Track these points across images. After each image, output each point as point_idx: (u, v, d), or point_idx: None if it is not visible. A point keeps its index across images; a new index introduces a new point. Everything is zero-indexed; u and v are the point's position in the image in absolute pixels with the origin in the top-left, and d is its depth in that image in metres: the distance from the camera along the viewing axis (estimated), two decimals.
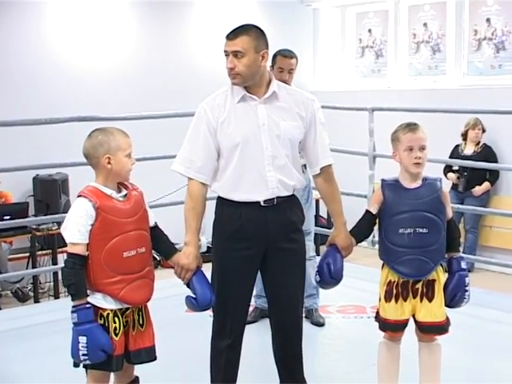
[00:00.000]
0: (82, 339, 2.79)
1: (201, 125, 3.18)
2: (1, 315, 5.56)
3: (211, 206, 3.26)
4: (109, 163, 2.90)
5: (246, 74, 3.13)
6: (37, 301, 6.72)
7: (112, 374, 3.01)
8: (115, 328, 2.88)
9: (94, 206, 2.82)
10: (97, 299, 2.87)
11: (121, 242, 2.85)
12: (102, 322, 2.87)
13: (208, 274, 3.23)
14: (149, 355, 2.99)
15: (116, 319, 2.88)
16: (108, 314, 2.88)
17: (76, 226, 2.83)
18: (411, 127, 3.28)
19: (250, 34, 3.15)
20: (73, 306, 2.83)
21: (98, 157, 2.91)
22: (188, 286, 3.11)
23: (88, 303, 2.84)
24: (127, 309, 2.91)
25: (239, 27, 3.19)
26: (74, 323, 2.83)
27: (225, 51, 3.15)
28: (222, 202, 3.23)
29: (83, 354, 2.80)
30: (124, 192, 2.96)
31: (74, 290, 2.82)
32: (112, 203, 2.87)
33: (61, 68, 7.42)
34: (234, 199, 3.16)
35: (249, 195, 3.15)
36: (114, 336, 2.87)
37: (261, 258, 3.21)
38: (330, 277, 3.29)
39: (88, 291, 2.86)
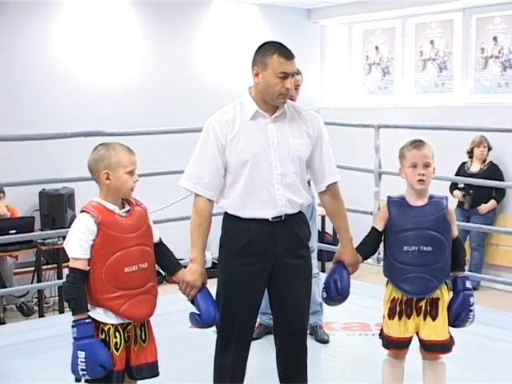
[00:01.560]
0: (81, 354, 2.79)
1: (209, 141, 3.18)
2: (5, 329, 5.57)
3: (217, 222, 3.27)
4: (107, 179, 2.91)
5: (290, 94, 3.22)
6: (41, 315, 6.71)
7: None
8: (116, 343, 2.88)
9: (95, 222, 2.84)
10: (98, 314, 2.88)
11: (122, 257, 2.86)
12: (103, 336, 2.87)
13: (213, 290, 3.23)
14: (151, 371, 2.99)
15: (117, 334, 2.88)
16: (109, 328, 2.88)
17: (78, 242, 2.85)
18: (416, 144, 3.30)
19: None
20: (73, 321, 2.84)
21: (98, 171, 2.94)
22: (192, 302, 3.12)
23: (88, 318, 2.84)
24: (129, 324, 2.92)
25: (285, 47, 3.18)
26: (73, 338, 2.83)
27: (284, 72, 3.11)
28: (229, 217, 3.23)
29: (82, 369, 2.80)
30: (127, 208, 2.97)
31: (74, 304, 2.84)
32: (114, 218, 2.88)
33: (68, 82, 7.46)
34: (242, 216, 3.16)
35: (257, 212, 3.15)
36: (114, 351, 2.87)
37: (268, 274, 3.20)
38: (337, 293, 3.29)
39: (89, 306, 2.87)
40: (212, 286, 3.18)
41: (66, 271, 7.08)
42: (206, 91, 7.90)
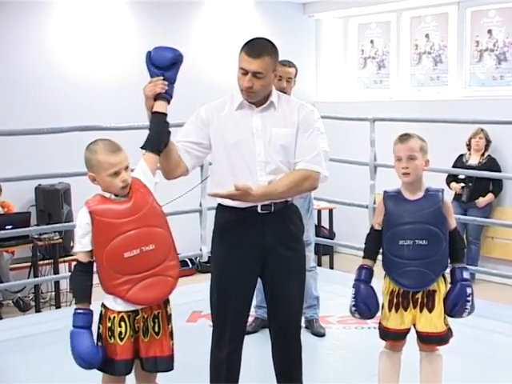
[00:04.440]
0: (70, 342, 2.83)
1: (195, 120, 3.25)
2: (2, 324, 5.56)
3: (212, 216, 3.26)
4: (94, 180, 2.92)
5: (261, 92, 3.17)
6: (38, 310, 6.72)
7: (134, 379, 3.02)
8: (120, 332, 2.87)
9: (88, 212, 2.84)
10: (108, 301, 2.90)
11: (120, 243, 2.83)
12: (109, 324, 2.88)
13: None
14: (163, 365, 2.95)
15: (122, 324, 2.87)
16: (114, 317, 2.88)
17: (76, 235, 2.90)
18: (401, 138, 3.31)
19: (271, 54, 3.15)
20: (74, 309, 2.88)
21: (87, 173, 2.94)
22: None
23: (85, 309, 2.85)
24: (137, 314, 2.91)
25: (259, 43, 3.16)
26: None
27: (242, 68, 3.11)
28: (220, 208, 3.25)
29: (73, 357, 2.84)
30: (126, 192, 2.92)
31: (74, 294, 2.91)
32: (107, 206, 2.86)
33: (63, 77, 7.45)
34: (229, 205, 3.16)
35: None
36: (118, 340, 2.87)
37: (260, 266, 3.21)
38: (370, 314, 3.33)
39: (104, 294, 2.89)
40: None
41: (62, 266, 7.14)
42: (201, 86, 7.87)
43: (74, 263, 7.25)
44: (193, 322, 4.41)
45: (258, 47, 3.14)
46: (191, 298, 3.16)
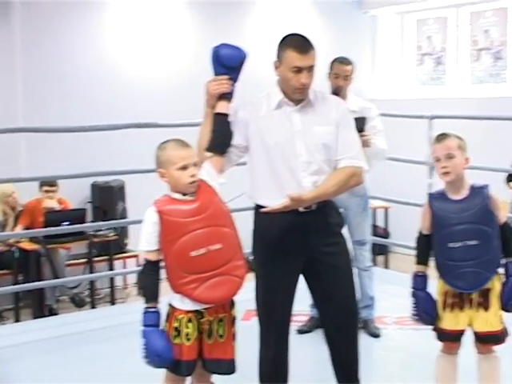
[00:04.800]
0: (143, 341, 2.86)
1: (233, 121, 3.18)
2: (58, 320, 5.65)
3: (248, 217, 3.27)
4: (163, 176, 2.94)
5: (310, 87, 3.16)
6: (93, 306, 6.82)
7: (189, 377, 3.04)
8: (187, 333, 2.89)
9: (156, 212, 2.87)
10: (175, 300, 2.92)
11: (187, 242, 2.84)
12: (176, 324, 2.90)
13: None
14: (225, 367, 2.97)
15: (190, 324, 2.89)
16: (182, 317, 2.90)
17: (143, 234, 2.91)
18: (439, 137, 3.28)
19: (314, 47, 3.14)
20: (143, 308, 2.91)
21: (157, 170, 2.97)
22: None
23: (155, 307, 2.89)
24: (203, 316, 2.93)
25: (302, 39, 3.14)
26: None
27: (297, 67, 3.07)
28: (259, 208, 3.20)
29: (144, 357, 2.86)
30: (193, 190, 2.94)
31: (143, 293, 2.92)
32: (175, 205, 2.89)
33: (119, 76, 7.54)
34: (269, 205, 3.10)
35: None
36: (185, 341, 2.89)
37: (302, 266, 3.20)
38: (433, 321, 3.31)
39: (171, 293, 2.92)
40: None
41: (117, 263, 7.24)
42: (256, 84, 7.86)
43: (128, 260, 7.42)
44: (247, 321, 4.42)
45: (304, 42, 3.12)
46: (245, 295, 3.15)
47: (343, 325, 3.26)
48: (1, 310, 6.65)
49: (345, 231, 4.62)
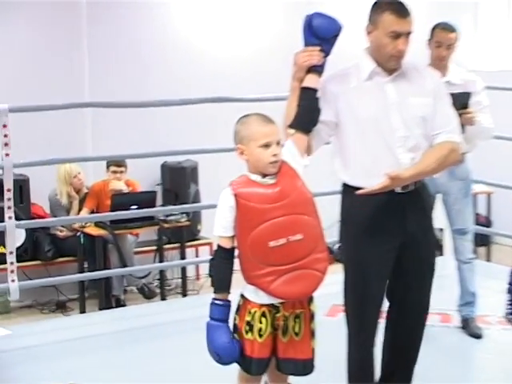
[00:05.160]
0: (206, 334, 2.87)
1: (321, 96, 3.14)
2: (126, 312, 5.74)
3: (330, 201, 3.21)
4: (242, 153, 2.92)
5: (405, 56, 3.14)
6: (163, 298, 6.89)
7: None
8: (260, 329, 2.88)
9: (233, 195, 2.84)
10: (249, 292, 2.91)
11: (265, 231, 2.81)
12: (249, 318, 2.89)
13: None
14: (301, 368, 2.95)
15: (263, 319, 2.88)
16: (255, 311, 2.89)
17: (218, 219, 2.90)
18: None
19: (411, 12, 3.11)
20: (212, 298, 2.91)
21: (235, 147, 2.95)
22: None
23: (224, 300, 2.88)
24: (278, 311, 2.91)
25: (400, 2, 3.11)
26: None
27: (395, 32, 3.05)
28: (347, 190, 3.22)
29: (208, 348, 2.88)
30: (273, 175, 2.91)
31: (213, 282, 2.92)
32: (254, 189, 2.86)
33: (194, 52, 7.56)
34: (360, 185, 3.11)
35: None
36: (257, 337, 2.88)
37: (395, 253, 3.18)
38: None
39: (245, 284, 2.91)
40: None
41: (189, 251, 7.28)
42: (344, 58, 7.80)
43: (202, 248, 7.46)
44: (332, 317, 4.38)
45: (403, 5, 3.10)
46: (331, 289, 3.12)
47: (414, 318, 3.30)
48: (65, 300, 6.79)
49: (443, 219, 4.56)
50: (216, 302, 2.89)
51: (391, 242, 3.16)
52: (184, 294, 6.99)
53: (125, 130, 7.09)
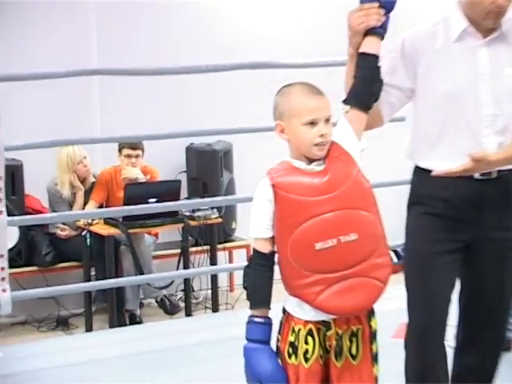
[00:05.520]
0: (244, 361, 2.88)
1: (398, 55, 3.22)
2: (142, 331, 5.78)
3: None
4: (282, 132, 2.92)
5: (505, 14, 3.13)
6: (189, 314, 6.92)
7: None
8: (306, 350, 2.87)
9: (270, 185, 2.85)
10: (291, 306, 2.91)
11: (311, 229, 2.81)
12: (292, 338, 2.90)
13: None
14: None
15: (309, 339, 2.88)
16: (299, 329, 2.89)
17: (254, 216, 2.91)
18: None
19: None
20: (249, 316, 2.92)
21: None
22: None
23: (263, 317, 2.88)
24: (329, 328, 2.91)
25: None
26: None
27: None
28: (420, 171, 3.30)
29: (246, 376, 2.89)
30: (321, 161, 2.90)
31: (248, 295, 2.93)
32: (296, 176, 2.86)
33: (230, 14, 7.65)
34: (435, 168, 3.19)
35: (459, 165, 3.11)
36: (302, 361, 2.88)
37: (465, 249, 3.27)
38: None
39: (287, 295, 2.92)
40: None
41: (221, 255, 7.27)
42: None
43: (237, 252, 7.44)
44: (401, 338, 4.37)
45: None
46: (398, 303, 3.12)
47: (491, 327, 3.37)
48: (67, 316, 6.87)
49: None
50: (254, 319, 2.89)
51: (462, 234, 3.25)
52: (215, 309, 7.03)
53: (141, 104, 7.14)
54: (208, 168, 7.27)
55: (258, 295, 2.91)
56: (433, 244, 3.26)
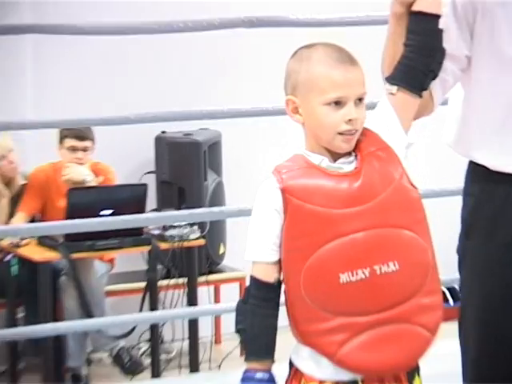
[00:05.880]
0: None
1: (452, 17, 3.26)
2: None
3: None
4: (295, 112, 2.92)
5: None
6: (157, 374, 6.91)
7: None
8: None
9: (279, 189, 2.84)
10: (303, 360, 2.92)
11: (335, 254, 2.81)
12: None
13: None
14: None
15: None
16: None
17: (254, 231, 2.91)
18: None
19: None
20: (244, 371, 2.92)
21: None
22: None
23: (266, 371, 2.89)
24: None
25: None
26: None
27: None
28: (482, 174, 3.37)
29: None
30: (351, 158, 2.92)
31: (243, 341, 2.94)
32: (315, 180, 2.86)
33: None
34: (505, 171, 3.29)
35: None
36: None
37: None
38: None
39: (297, 344, 2.92)
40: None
41: (204, 290, 7.32)
42: None
43: (226, 286, 7.50)
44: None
45: None
46: (451, 360, 3.15)
47: None
48: None
49: None
50: (251, 374, 2.89)
51: None
52: (194, 369, 7.05)
53: (90, 76, 7.16)
54: (186, 167, 7.31)
55: (258, 342, 2.91)
56: (498, 265, 3.32)
